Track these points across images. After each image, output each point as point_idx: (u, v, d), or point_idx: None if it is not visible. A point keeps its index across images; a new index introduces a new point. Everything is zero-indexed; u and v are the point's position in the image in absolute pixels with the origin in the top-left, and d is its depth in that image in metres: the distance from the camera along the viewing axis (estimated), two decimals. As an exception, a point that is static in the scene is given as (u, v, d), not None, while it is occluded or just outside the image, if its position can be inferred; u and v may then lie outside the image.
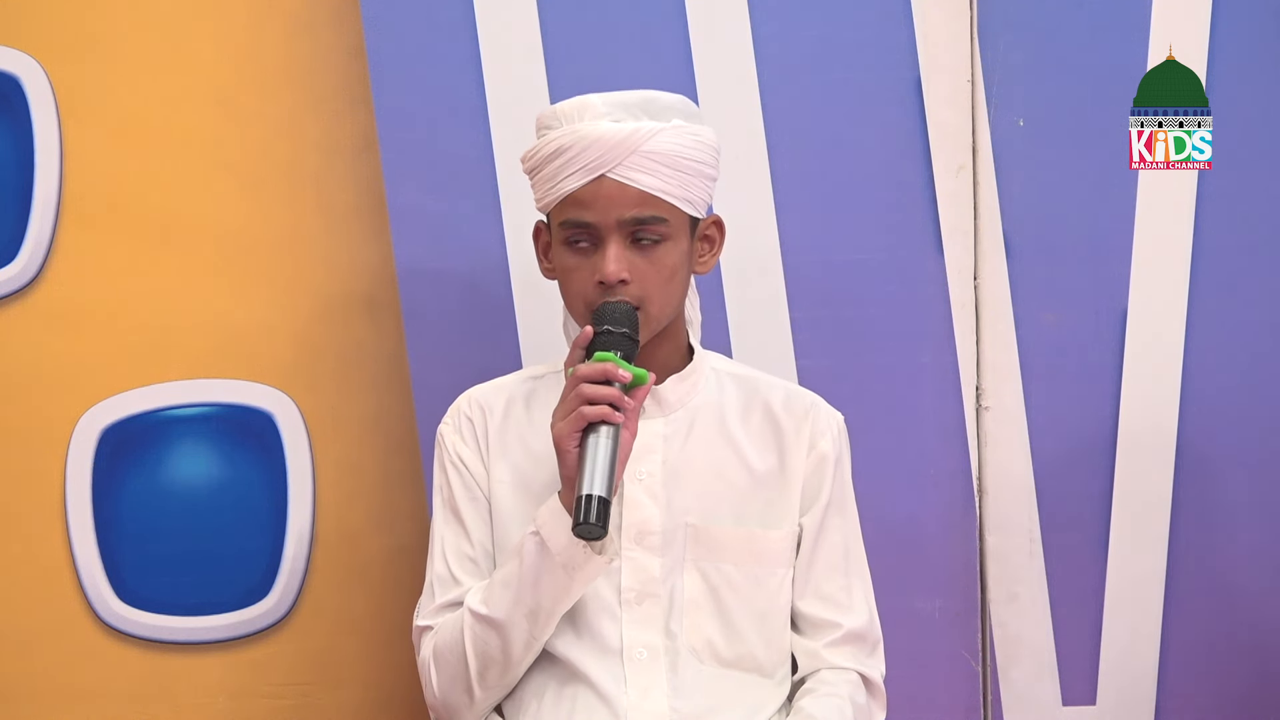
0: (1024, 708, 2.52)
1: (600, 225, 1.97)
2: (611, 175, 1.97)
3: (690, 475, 2.04)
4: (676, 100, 2.03)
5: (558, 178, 1.99)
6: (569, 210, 1.99)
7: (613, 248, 1.97)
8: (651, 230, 1.98)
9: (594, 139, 1.96)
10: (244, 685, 2.48)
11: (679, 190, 1.99)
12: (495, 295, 2.45)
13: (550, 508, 1.94)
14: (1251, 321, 2.52)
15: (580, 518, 1.83)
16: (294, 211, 2.48)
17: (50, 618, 2.46)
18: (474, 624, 1.97)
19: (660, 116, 2.00)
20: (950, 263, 2.50)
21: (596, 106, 1.99)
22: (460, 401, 2.12)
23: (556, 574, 1.93)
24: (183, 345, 2.47)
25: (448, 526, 2.07)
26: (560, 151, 1.98)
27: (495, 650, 1.97)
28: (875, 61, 2.48)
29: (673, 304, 2.02)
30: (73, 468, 2.45)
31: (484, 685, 1.99)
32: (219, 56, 2.47)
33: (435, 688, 2.01)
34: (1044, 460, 2.51)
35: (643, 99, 2.00)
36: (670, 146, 1.98)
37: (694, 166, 2.00)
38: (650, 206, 1.97)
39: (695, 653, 2.02)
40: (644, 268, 1.98)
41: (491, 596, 1.97)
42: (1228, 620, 2.53)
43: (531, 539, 1.94)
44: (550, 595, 1.94)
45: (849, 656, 2.05)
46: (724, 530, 2.04)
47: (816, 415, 2.09)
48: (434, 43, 2.45)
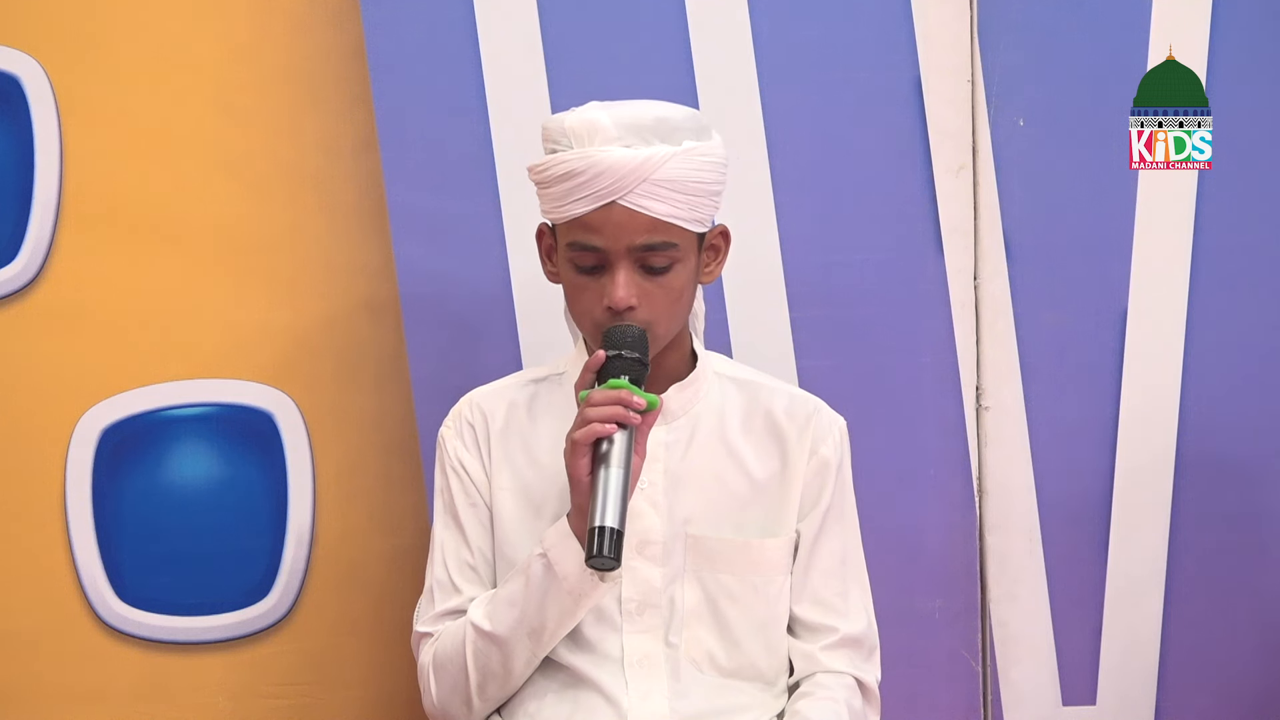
0: (1024, 708, 2.52)
1: (610, 250, 1.93)
2: (623, 202, 1.92)
3: (691, 484, 2.03)
4: (687, 118, 1.96)
5: (567, 200, 1.94)
6: (577, 233, 1.95)
7: (622, 274, 1.93)
8: (662, 256, 1.94)
9: (606, 166, 1.91)
10: (244, 685, 2.48)
11: (689, 213, 1.95)
12: (495, 295, 2.44)
13: (559, 531, 1.93)
14: (1251, 321, 2.52)
15: (594, 550, 1.82)
16: (294, 211, 2.48)
17: (50, 618, 2.46)
18: (476, 639, 1.97)
19: (671, 139, 1.94)
20: (950, 263, 2.50)
21: (608, 129, 1.93)
22: (461, 405, 2.10)
23: (563, 599, 1.93)
24: (183, 345, 2.47)
25: (448, 532, 2.06)
26: (571, 175, 1.93)
27: (496, 665, 1.97)
28: (875, 61, 2.48)
29: (680, 321, 2.01)
30: (73, 468, 2.45)
31: (483, 697, 1.99)
32: (219, 56, 2.47)
33: (434, 696, 2.01)
34: (1044, 460, 2.51)
35: (655, 120, 1.94)
36: (682, 172, 1.93)
37: (703, 188, 1.95)
38: (661, 233, 1.93)
39: (695, 663, 2.01)
40: (653, 291, 1.94)
41: (495, 613, 1.96)
42: (1228, 620, 2.53)
43: (538, 561, 1.93)
44: (555, 618, 1.94)
45: (845, 660, 2.04)
46: (723, 540, 2.02)
47: (818, 421, 2.07)
48: (434, 43, 2.45)
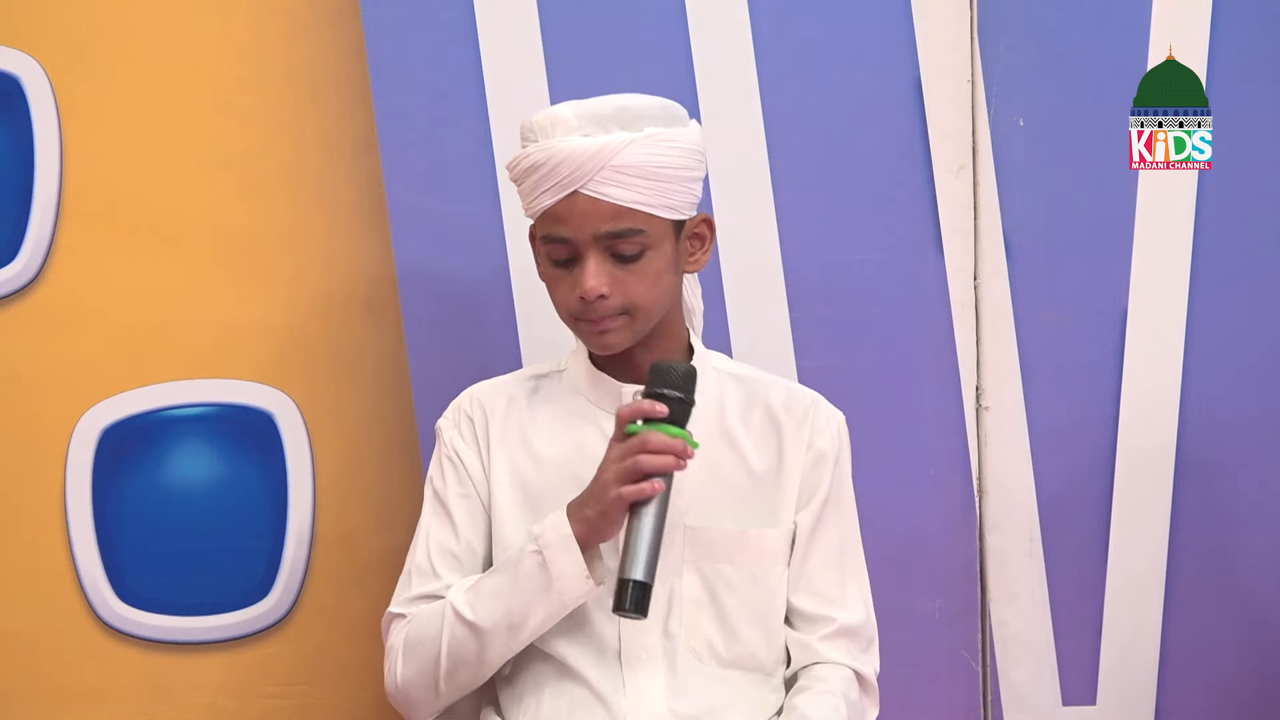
0: (1024, 708, 2.52)
1: (577, 240, 1.96)
2: (584, 191, 1.94)
3: (689, 476, 2.02)
4: (651, 106, 1.98)
5: (534, 193, 1.98)
6: (547, 225, 1.98)
7: (590, 263, 1.96)
8: (630, 243, 1.96)
9: (564, 156, 1.94)
10: (244, 685, 2.48)
11: (655, 199, 1.96)
12: (495, 295, 2.45)
13: (558, 532, 1.93)
14: (1251, 321, 2.52)
15: (624, 604, 1.84)
16: (294, 211, 2.48)
17: (50, 618, 2.46)
18: (456, 625, 1.96)
19: (632, 126, 1.96)
20: (950, 263, 2.49)
21: (568, 120, 1.96)
22: (462, 399, 2.11)
23: (552, 600, 1.93)
24: (183, 345, 2.47)
25: (435, 519, 2.06)
26: (535, 168, 1.96)
27: (471, 655, 1.96)
28: (875, 61, 2.48)
29: (662, 303, 2.01)
30: (73, 468, 2.45)
31: (451, 684, 1.98)
32: (219, 56, 2.47)
33: (399, 677, 2.01)
34: (1044, 460, 2.51)
35: (615, 109, 1.96)
36: (642, 158, 1.94)
37: (670, 173, 1.97)
38: (625, 219, 1.95)
39: (694, 653, 2.02)
40: (626, 279, 1.96)
41: (479, 602, 1.96)
42: (1228, 620, 2.53)
43: (532, 558, 1.93)
44: (540, 617, 1.94)
45: (843, 651, 2.04)
46: (722, 531, 2.03)
47: (816, 414, 2.08)
48: (434, 43, 2.45)
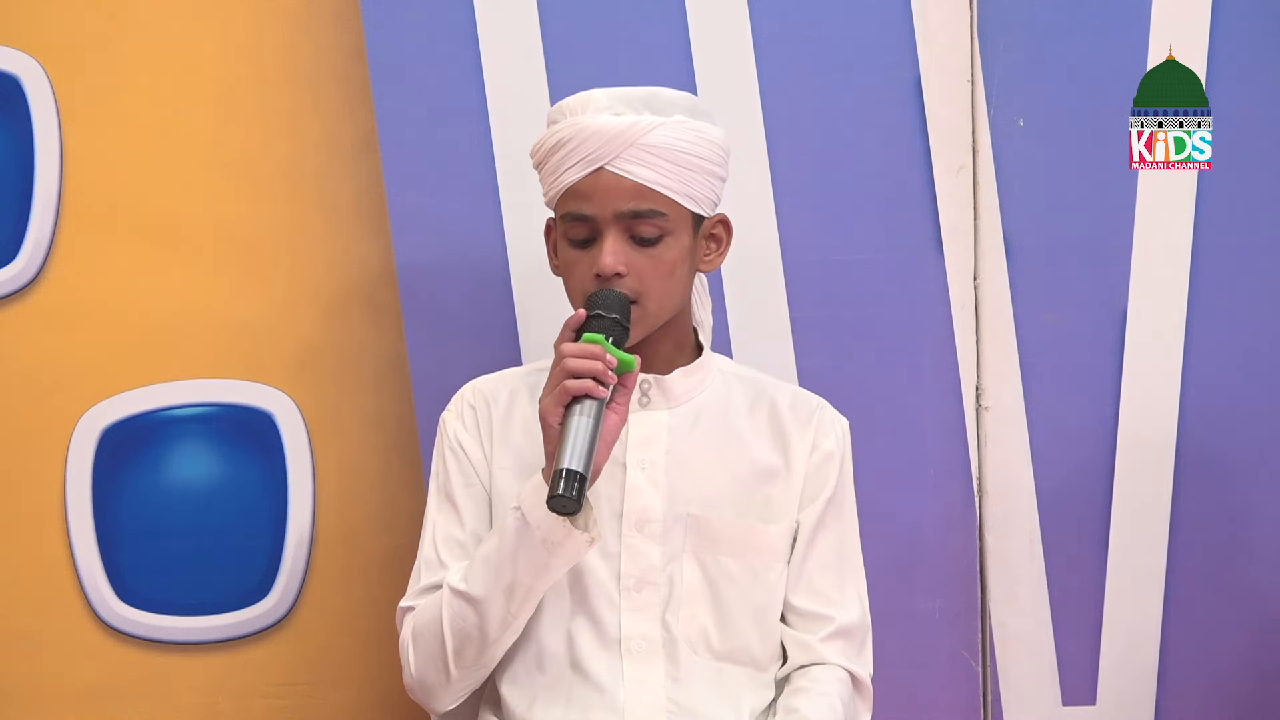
0: (1024, 708, 2.52)
1: (598, 218, 1.98)
2: (609, 168, 1.97)
3: (693, 466, 2.04)
4: (682, 97, 2.04)
5: (559, 170, 2.00)
6: (569, 203, 2.00)
7: (609, 241, 1.97)
8: (649, 225, 1.98)
9: (593, 131, 1.97)
10: (244, 685, 2.48)
11: (678, 185, 1.99)
12: (495, 294, 2.45)
13: (533, 483, 1.94)
14: (1251, 321, 2.52)
15: (554, 490, 1.83)
16: (294, 211, 2.48)
17: (50, 618, 2.46)
18: (452, 600, 1.97)
19: (662, 111, 2.00)
20: (950, 263, 2.50)
21: (599, 100, 2.00)
22: (464, 390, 2.13)
23: (535, 550, 1.92)
24: (183, 345, 2.47)
25: (440, 512, 2.07)
26: (561, 144, 1.99)
27: (472, 628, 1.96)
28: (875, 61, 2.48)
29: (673, 300, 2.03)
30: (73, 468, 2.45)
31: (460, 664, 1.98)
32: (219, 56, 2.47)
33: (413, 667, 2.01)
34: (1044, 460, 2.51)
35: (647, 94, 2.01)
36: (669, 140, 1.98)
37: (695, 162, 2.00)
38: (647, 199, 1.98)
39: (690, 643, 2.02)
40: (642, 263, 1.98)
41: (472, 573, 1.97)
42: (1228, 620, 2.53)
43: (513, 514, 1.94)
44: (528, 571, 1.93)
45: (839, 652, 2.05)
46: (724, 522, 2.04)
47: (822, 417, 2.10)
48: (434, 43, 2.45)
